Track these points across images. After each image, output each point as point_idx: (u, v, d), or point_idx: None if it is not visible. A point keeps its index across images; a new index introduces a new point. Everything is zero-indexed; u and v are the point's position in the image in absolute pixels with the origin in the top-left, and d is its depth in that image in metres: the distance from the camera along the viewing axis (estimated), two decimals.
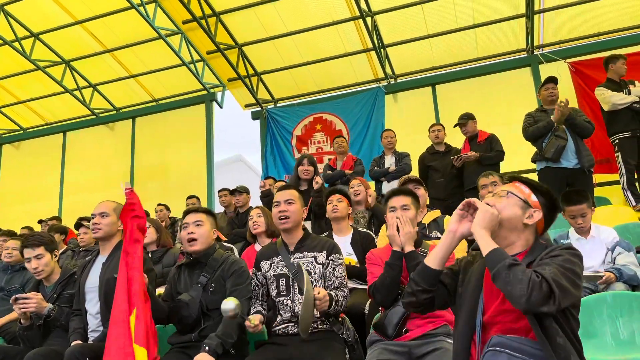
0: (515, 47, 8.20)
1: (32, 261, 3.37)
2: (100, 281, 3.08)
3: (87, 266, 3.24)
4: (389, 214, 2.73)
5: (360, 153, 8.18)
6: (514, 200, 1.80)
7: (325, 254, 2.76)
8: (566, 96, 5.74)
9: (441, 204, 5.82)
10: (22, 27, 8.76)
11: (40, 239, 3.43)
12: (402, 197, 2.78)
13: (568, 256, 1.63)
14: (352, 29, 8.30)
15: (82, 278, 3.19)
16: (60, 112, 10.96)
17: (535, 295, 1.47)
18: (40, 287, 3.51)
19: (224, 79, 9.52)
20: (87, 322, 3.11)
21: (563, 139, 5.01)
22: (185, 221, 2.97)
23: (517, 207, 1.79)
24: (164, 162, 10.17)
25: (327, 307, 2.46)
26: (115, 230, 3.20)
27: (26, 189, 11.09)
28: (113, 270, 3.05)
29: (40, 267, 3.38)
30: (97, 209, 3.22)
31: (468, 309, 1.77)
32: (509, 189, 1.84)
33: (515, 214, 1.78)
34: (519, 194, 1.81)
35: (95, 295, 3.09)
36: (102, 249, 3.23)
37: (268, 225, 4.01)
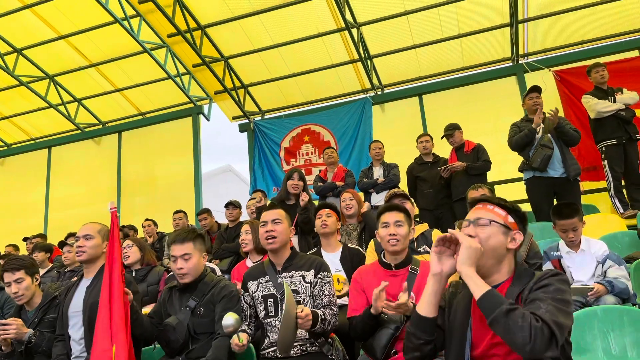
0: (501, 56, 8.26)
1: (12, 285, 3.27)
2: (84, 305, 2.99)
3: (71, 289, 3.15)
4: (382, 230, 2.69)
5: (348, 164, 8.16)
6: (496, 228, 1.74)
7: (313, 273, 2.72)
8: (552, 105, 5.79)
9: (430, 215, 5.84)
10: (5, 42, 8.68)
11: (20, 262, 3.33)
12: (395, 213, 2.74)
13: (558, 284, 1.59)
14: (338, 40, 8.31)
15: (66, 302, 3.10)
16: (45, 128, 10.85)
17: (538, 343, 1.42)
18: (22, 311, 3.41)
19: (211, 92, 9.48)
20: (71, 347, 3.03)
21: (549, 149, 5.03)
22: (172, 254, 2.87)
23: (500, 233, 1.73)
24: (151, 176, 10.08)
25: (310, 326, 2.41)
26: (100, 252, 3.10)
27: (11, 205, 10.93)
28: (97, 294, 2.96)
29: (20, 291, 3.27)
30: (81, 231, 3.13)
31: (457, 344, 1.72)
32: (489, 217, 1.76)
33: (499, 241, 1.72)
34: (498, 219, 1.75)
35: (79, 320, 3.00)
36: (87, 272, 3.14)
37: (256, 242, 3.95)
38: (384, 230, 2.67)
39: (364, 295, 2.62)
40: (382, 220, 2.74)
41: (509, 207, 1.79)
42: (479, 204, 1.83)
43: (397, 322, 2.39)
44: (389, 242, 2.61)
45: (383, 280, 2.43)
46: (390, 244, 2.61)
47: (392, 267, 2.62)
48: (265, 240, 2.75)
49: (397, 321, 2.39)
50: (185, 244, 2.84)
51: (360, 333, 2.51)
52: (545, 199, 5.09)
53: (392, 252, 2.63)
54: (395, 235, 2.61)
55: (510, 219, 1.76)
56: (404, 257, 2.65)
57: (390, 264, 2.64)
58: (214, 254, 5.68)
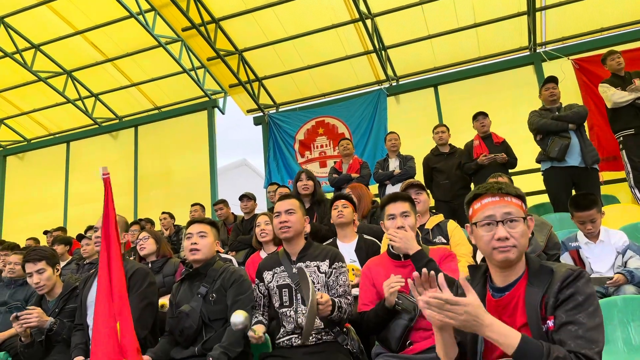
0: (518, 45, 8.13)
1: (33, 276, 3.34)
2: None
3: (89, 280, 3.21)
4: (388, 222, 2.65)
5: (363, 156, 8.12)
6: (523, 223, 1.63)
7: (328, 263, 2.71)
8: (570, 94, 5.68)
9: (446, 206, 5.79)
10: (23, 38, 8.78)
11: (41, 253, 3.40)
12: (400, 204, 2.68)
13: (585, 289, 1.50)
14: (352, 32, 8.25)
15: (84, 292, 3.16)
16: (63, 123, 10.99)
17: None
18: (43, 301, 3.48)
19: (225, 85, 9.49)
20: (89, 336, 3.08)
21: (567, 138, 4.96)
22: (189, 231, 2.95)
23: (525, 226, 1.63)
24: (167, 170, 10.16)
25: (329, 312, 2.41)
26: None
27: (31, 200, 11.11)
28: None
29: (42, 281, 3.34)
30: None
31: (471, 348, 1.66)
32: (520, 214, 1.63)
33: (527, 236, 1.63)
34: (522, 212, 1.65)
35: None
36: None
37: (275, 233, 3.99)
38: (390, 223, 2.63)
39: (373, 289, 2.61)
40: (387, 211, 2.68)
41: (518, 194, 1.69)
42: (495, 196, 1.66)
43: (411, 313, 2.37)
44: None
45: (393, 274, 2.41)
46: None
47: (401, 258, 2.58)
48: (279, 230, 2.75)
49: (410, 312, 2.37)
50: (203, 224, 2.95)
51: (373, 327, 2.50)
52: (564, 190, 5.01)
53: None
54: (403, 227, 2.57)
55: (524, 205, 1.68)
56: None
57: (399, 255, 2.59)
58: (230, 246, 5.72)
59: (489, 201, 1.65)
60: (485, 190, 1.68)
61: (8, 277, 4.49)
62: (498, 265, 1.64)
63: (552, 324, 1.50)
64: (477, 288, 1.68)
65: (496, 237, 1.59)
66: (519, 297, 1.60)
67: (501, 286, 1.65)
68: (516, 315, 1.59)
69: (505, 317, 1.60)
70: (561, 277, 1.54)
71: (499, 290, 1.65)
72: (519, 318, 1.58)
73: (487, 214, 1.63)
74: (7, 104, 10.43)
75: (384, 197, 2.83)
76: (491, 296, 1.66)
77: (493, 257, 1.61)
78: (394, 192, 2.91)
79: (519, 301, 1.60)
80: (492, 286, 1.68)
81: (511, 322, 1.58)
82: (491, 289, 1.68)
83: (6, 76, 9.64)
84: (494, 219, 1.61)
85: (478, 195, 1.70)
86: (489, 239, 1.61)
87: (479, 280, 1.73)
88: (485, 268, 1.73)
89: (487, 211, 1.63)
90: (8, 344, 4.10)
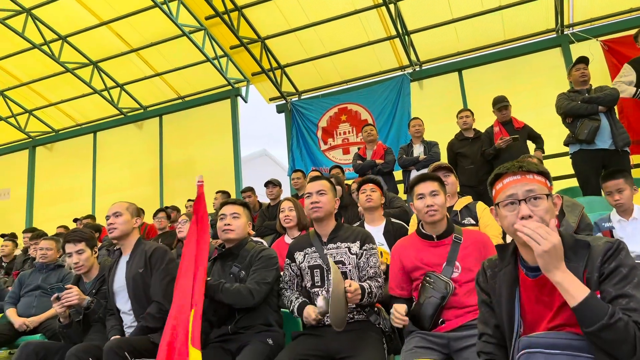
0: (544, 28, 7.97)
1: (73, 256, 3.46)
2: (127, 279, 3.15)
3: (113, 267, 3.31)
4: (417, 202, 2.65)
5: (386, 142, 8.09)
6: (547, 199, 1.60)
7: (359, 244, 2.73)
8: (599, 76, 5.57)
9: (471, 191, 5.72)
10: (50, 30, 8.94)
11: (81, 234, 3.51)
12: (429, 183, 2.67)
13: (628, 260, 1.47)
14: (374, 17, 8.19)
15: (110, 279, 3.25)
16: (90, 113, 11.19)
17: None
18: (80, 282, 3.59)
19: (248, 74, 9.54)
20: (122, 319, 3.18)
21: (596, 120, 4.87)
22: (222, 212, 3.02)
23: (551, 203, 1.60)
24: (191, 159, 10.28)
25: (359, 300, 2.44)
26: (131, 228, 3.26)
27: (60, 189, 11.39)
28: (137, 266, 3.13)
29: (81, 262, 3.46)
30: (110, 210, 3.28)
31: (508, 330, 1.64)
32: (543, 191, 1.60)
33: (554, 212, 1.60)
34: (545, 189, 1.61)
35: (125, 294, 3.15)
36: (123, 248, 3.31)
37: (299, 218, 4.03)
38: (420, 202, 2.61)
39: (403, 272, 2.62)
40: (416, 191, 2.67)
41: (543, 171, 1.64)
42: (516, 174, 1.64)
43: (443, 290, 2.38)
44: (427, 213, 2.56)
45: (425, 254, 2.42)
46: (429, 214, 2.56)
47: (434, 238, 2.59)
48: (310, 210, 2.78)
49: (442, 289, 2.38)
50: (236, 206, 3.02)
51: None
52: (593, 173, 4.92)
53: (431, 222, 2.57)
54: (432, 206, 2.56)
55: (549, 183, 1.64)
56: (445, 227, 2.60)
57: (431, 235, 2.60)
58: (256, 232, 5.79)
59: (510, 180, 1.63)
60: (506, 170, 1.66)
61: (40, 262, 4.64)
62: (525, 245, 1.57)
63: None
64: (507, 268, 1.66)
65: (519, 216, 1.56)
66: None
67: (535, 265, 1.59)
68: (556, 294, 1.54)
69: (544, 296, 1.57)
70: (602, 251, 1.51)
71: (534, 270, 1.60)
72: (559, 296, 1.52)
73: (509, 193, 1.61)
74: (36, 95, 10.66)
75: (413, 178, 2.82)
76: (526, 276, 1.62)
77: (518, 236, 1.57)
78: (422, 173, 2.91)
79: None
80: (526, 265, 1.63)
81: (551, 300, 1.56)
82: (525, 269, 1.64)
83: (34, 68, 9.85)
84: (516, 198, 1.58)
85: (499, 175, 1.68)
86: (513, 218, 1.58)
87: (509, 260, 1.69)
88: (513, 247, 1.70)
89: (509, 190, 1.61)
90: (44, 327, 4.26)
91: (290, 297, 2.78)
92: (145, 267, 3.11)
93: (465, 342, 2.23)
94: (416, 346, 2.31)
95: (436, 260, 2.51)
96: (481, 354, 1.72)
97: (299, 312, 2.66)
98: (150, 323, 2.95)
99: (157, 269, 3.11)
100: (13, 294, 4.55)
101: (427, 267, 2.50)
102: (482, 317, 1.76)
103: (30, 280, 4.55)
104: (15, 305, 4.44)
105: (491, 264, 1.76)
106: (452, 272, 2.44)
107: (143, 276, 3.09)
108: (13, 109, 11.01)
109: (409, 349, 2.33)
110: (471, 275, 2.39)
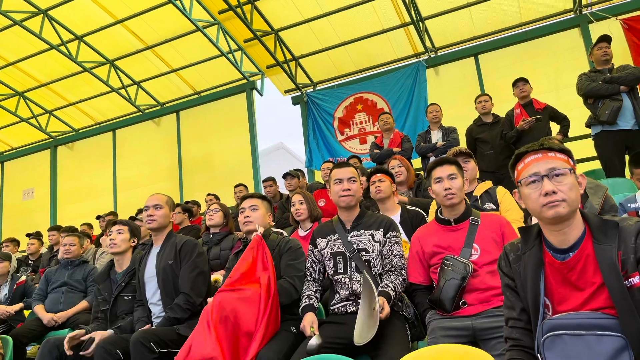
0: (562, 8, 7.81)
1: (112, 233, 3.61)
2: (157, 270, 3.21)
3: (144, 258, 3.37)
4: (436, 185, 2.63)
5: (403, 130, 8.05)
6: (572, 176, 1.56)
7: (382, 232, 2.73)
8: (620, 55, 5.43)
9: (491, 177, 5.65)
10: (67, 30, 9.06)
11: (129, 221, 3.73)
12: (447, 167, 2.65)
13: None
14: (388, 4, 8.12)
15: (141, 269, 3.32)
16: (108, 111, 11.33)
17: None
18: (112, 271, 3.69)
19: (262, 66, 9.55)
20: (150, 310, 3.23)
21: (618, 100, 4.76)
22: (242, 206, 3.09)
23: (575, 181, 1.56)
24: (209, 153, 10.36)
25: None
26: (167, 221, 3.35)
27: (82, 187, 11.58)
28: (167, 258, 3.19)
29: (116, 240, 3.59)
30: (150, 201, 3.33)
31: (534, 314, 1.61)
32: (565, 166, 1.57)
33: (578, 191, 1.56)
34: (567, 165, 1.58)
35: (155, 284, 3.21)
36: (156, 239, 3.37)
37: (310, 210, 4.04)
38: (438, 186, 2.61)
39: (422, 262, 2.63)
40: (434, 175, 2.67)
41: (563, 149, 1.61)
42: (537, 153, 1.61)
43: (462, 271, 2.37)
44: (446, 196, 2.56)
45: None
46: (447, 198, 2.55)
47: (452, 222, 2.58)
48: (340, 198, 2.77)
49: (461, 271, 2.37)
50: (254, 199, 3.08)
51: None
52: (617, 154, 4.82)
53: (450, 205, 2.57)
54: (450, 189, 2.55)
55: (571, 161, 1.61)
56: (463, 211, 2.58)
57: (449, 219, 2.59)
58: (275, 223, 5.81)
59: (532, 159, 1.61)
60: (527, 150, 1.64)
61: (65, 259, 4.72)
62: (551, 223, 1.55)
63: (638, 280, 1.43)
64: (532, 250, 1.63)
65: (543, 193, 1.52)
66: (587, 256, 1.52)
67: (562, 247, 1.57)
68: (586, 277, 1.51)
69: (573, 279, 1.54)
70: (635, 231, 1.48)
71: (561, 252, 1.57)
72: (591, 278, 1.50)
73: (532, 172, 1.58)
74: (56, 96, 10.83)
75: (430, 162, 2.80)
76: (554, 258, 1.59)
77: (543, 214, 1.54)
78: (440, 157, 2.89)
79: (587, 261, 1.52)
80: (552, 247, 1.60)
81: (582, 283, 1.52)
82: (551, 251, 1.60)
83: (53, 69, 10.00)
84: (538, 175, 1.56)
85: (520, 156, 1.66)
86: (537, 196, 1.55)
87: (533, 242, 1.66)
88: (538, 229, 1.66)
89: (531, 169, 1.58)
90: (72, 321, 4.35)
91: (305, 292, 2.80)
92: (175, 259, 3.18)
93: (493, 333, 2.21)
94: (440, 329, 2.32)
95: (454, 244, 2.51)
96: (508, 340, 1.70)
97: (302, 314, 2.68)
98: (177, 314, 3.00)
99: (186, 262, 3.16)
100: (40, 290, 4.64)
101: (446, 251, 2.50)
102: (508, 302, 1.73)
103: (56, 277, 4.65)
104: (43, 302, 4.54)
105: (513, 247, 1.72)
106: (471, 255, 2.43)
107: (172, 268, 3.16)
108: (34, 110, 11.20)
109: (433, 335, 2.34)
110: (491, 257, 2.39)
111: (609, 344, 1.42)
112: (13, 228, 11.67)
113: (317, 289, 2.83)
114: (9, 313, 4.79)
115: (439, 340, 2.28)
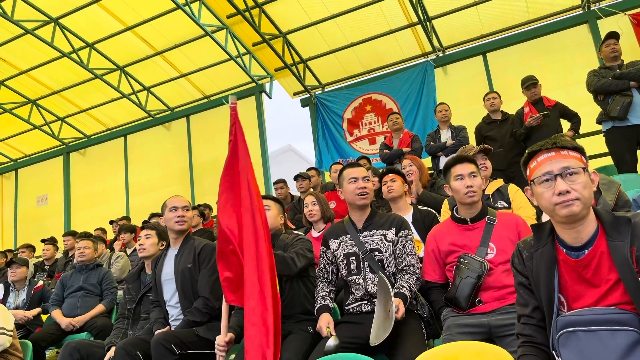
0: (570, 5, 7.78)
1: (141, 239, 3.70)
2: (175, 272, 3.24)
3: (160, 259, 3.41)
4: (456, 183, 2.63)
5: (413, 130, 8.03)
6: (585, 174, 1.56)
7: (394, 231, 2.74)
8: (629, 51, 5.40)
9: (502, 174, 5.63)
10: (78, 38, 9.16)
11: (156, 225, 3.81)
12: (467, 165, 2.66)
13: None
14: (395, 5, 8.13)
15: (157, 271, 3.35)
16: (119, 117, 11.44)
17: None
18: (142, 272, 3.76)
19: (271, 70, 9.61)
20: (167, 311, 3.27)
21: (628, 96, 4.74)
22: None
23: (588, 179, 1.56)
24: (219, 157, 10.39)
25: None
26: (190, 224, 3.42)
27: (95, 192, 11.70)
28: (186, 261, 3.22)
29: (145, 244, 3.67)
30: (179, 202, 3.37)
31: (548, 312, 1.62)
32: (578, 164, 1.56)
33: (591, 189, 1.55)
34: (581, 164, 1.57)
35: (173, 287, 3.25)
36: (174, 242, 3.39)
37: (323, 212, 4.07)
38: (459, 183, 2.61)
39: (438, 260, 2.65)
40: (454, 172, 2.67)
41: (577, 147, 1.60)
42: (550, 151, 1.60)
43: (478, 270, 2.39)
44: (467, 194, 2.57)
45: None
46: (468, 195, 2.57)
47: (468, 222, 2.59)
48: (356, 196, 2.78)
49: (477, 269, 2.39)
50: (266, 200, 3.10)
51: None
52: (628, 150, 4.81)
53: (470, 203, 2.58)
54: (472, 187, 2.57)
55: (584, 159, 1.60)
56: (480, 209, 2.60)
57: (465, 218, 2.61)
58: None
59: (545, 157, 1.60)
60: (540, 147, 1.63)
61: (79, 263, 4.79)
62: (564, 222, 1.55)
63: None
64: (545, 248, 1.63)
65: (556, 192, 1.52)
66: (601, 254, 1.52)
67: (575, 245, 1.57)
68: (601, 273, 1.52)
69: (588, 276, 1.54)
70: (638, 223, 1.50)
71: (575, 249, 1.57)
72: (606, 275, 1.50)
73: (545, 170, 1.57)
74: (68, 102, 10.95)
75: (449, 159, 2.80)
76: (568, 256, 1.59)
77: (556, 213, 1.54)
78: (459, 154, 2.90)
79: (602, 258, 1.52)
80: (565, 245, 1.59)
81: (597, 280, 1.53)
82: (564, 249, 1.60)
83: (64, 76, 10.12)
84: (551, 174, 1.55)
85: (533, 154, 1.65)
86: (550, 195, 1.54)
87: (546, 239, 1.66)
88: (550, 226, 1.66)
89: (544, 167, 1.58)
90: (90, 325, 4.42)
91: (319, 293, 2.82)
92: (194, 263, 3.21)
93: (508, 330, 2.21)
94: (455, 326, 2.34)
95: (470, 243, 2.52)
96: (520, 336, 1.71)
97: (317, 314, 2.70)
98: (197, 317, 3.04)
99: (205, 265, 3.20)
100: (56, 295, 4.71)
101: (462, 250, 2.52)
102: (520, 299, 1.74)
103: (72, 282, 4.71)
104: (60, 306, 4.61)
105: (526, 245, 1.72)
106: (487, 254, 2.45)
107: (191, 271, 3.19)
108: (46, 117, 11.33)
109: (449, 332, 2.36)
110: (506, 256, 2.40)
111: (623, 339, 1.43)
112: (28, 234, 11.81)
113: (331, 290, 2.86)
114: (28, 318, 4.88)
115: (454, 337, 2.30)
